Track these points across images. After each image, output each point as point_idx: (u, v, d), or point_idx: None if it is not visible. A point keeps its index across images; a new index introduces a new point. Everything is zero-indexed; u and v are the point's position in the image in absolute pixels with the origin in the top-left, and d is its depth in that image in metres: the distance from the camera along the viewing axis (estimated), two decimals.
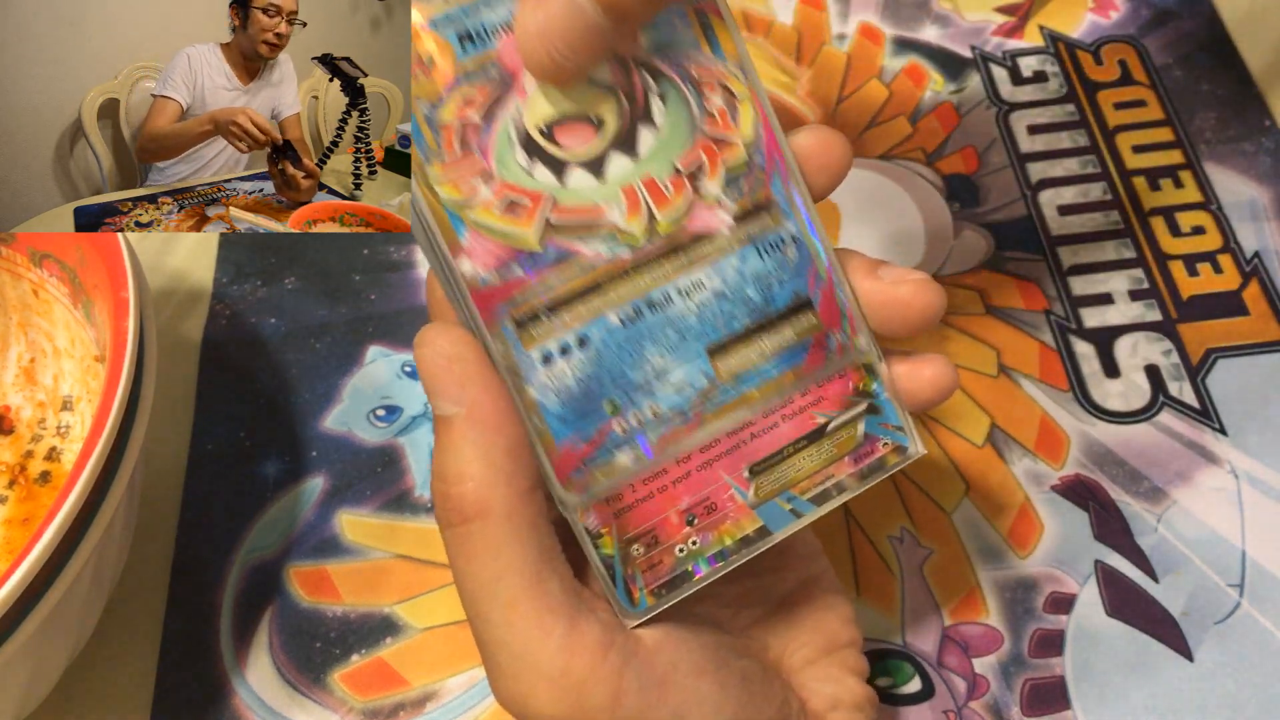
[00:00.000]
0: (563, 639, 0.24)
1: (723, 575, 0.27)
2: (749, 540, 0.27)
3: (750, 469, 0.26)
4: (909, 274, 0.27)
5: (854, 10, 0.53)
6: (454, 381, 0.24)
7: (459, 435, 0.24)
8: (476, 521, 0.24)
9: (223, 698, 0.36)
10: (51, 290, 0.39)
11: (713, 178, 0.26)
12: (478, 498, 0.24)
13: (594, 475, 0.25)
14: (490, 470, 0.24)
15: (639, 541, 0.26)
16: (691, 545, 0.26)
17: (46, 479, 0.39)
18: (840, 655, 0.30)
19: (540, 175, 0.25)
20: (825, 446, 0.27)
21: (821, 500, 0.27)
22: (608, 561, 0.26)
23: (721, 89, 0.26)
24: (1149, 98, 0.49)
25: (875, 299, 0.27)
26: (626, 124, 0.25)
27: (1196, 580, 0.37)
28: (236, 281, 0.46)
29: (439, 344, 0.24)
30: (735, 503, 0.26)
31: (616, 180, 0.25)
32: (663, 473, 0.26)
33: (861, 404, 0.27)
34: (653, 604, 0.26)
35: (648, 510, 0.26)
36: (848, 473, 0.27)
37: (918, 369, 0.27)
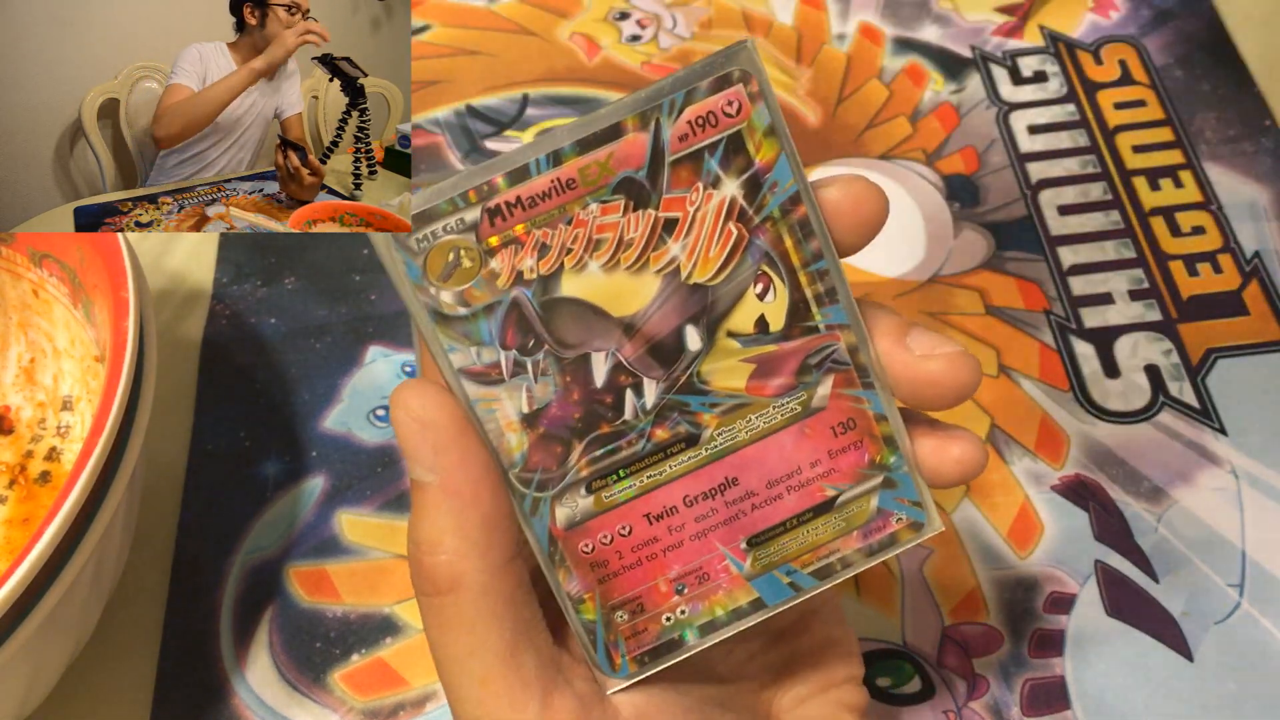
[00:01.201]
0: (535, 716, 0.24)
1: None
2: (741, 612, 0.26)
3: (749, 540, 0.25)
4: (940, 345, 0.25)
5: (854, 10, 0.53)
6: (427, 448, 0.23)
7: (433, 504, 0.23)
8: (450, 594, 0.23)
9: (223, 698, 0.36)
10: (51, 290, 0.39)
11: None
12: (451, 571, 0.23)
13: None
14: (465, 543, 0.23)
15: (623, 608, 0.25)
16: (680, 614, 0.25)
17: (46, 479, 0.39)
18: (837, 692, 0.29)
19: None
20: (833, 520, 0.26)
21: (824, 575, 0.26)
22: (589, 626, 0.25)
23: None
24: (1149, 98, 0.49)
25: (903, 374, 0.25)
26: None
27: (1196, 580, 0.37)
28: (236, 281, 0.46)
29: (413, 406, 0.23)
30: (730, 574, 0.25)
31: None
32: (652, 540, 0.25)
33: (877, 477, 0.26)
34: (635, 670, 0.25)
35: (634, 577, 0.25)
36: (855, 547, 0.26)
37: (945, 446, 0.25)
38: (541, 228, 0.23)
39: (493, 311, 0.23)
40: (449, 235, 0.23)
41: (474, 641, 0.23)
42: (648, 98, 0.23)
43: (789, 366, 0.25)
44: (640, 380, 0.24)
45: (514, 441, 0.24)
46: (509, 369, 0.24)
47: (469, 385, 0.23)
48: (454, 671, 0.24)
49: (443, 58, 0.53)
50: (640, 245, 0.23)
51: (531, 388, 0.24)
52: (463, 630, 0.23)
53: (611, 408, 0.24)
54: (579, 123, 0.23)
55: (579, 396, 0.24)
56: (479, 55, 0.53)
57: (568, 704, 0.24)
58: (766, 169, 0.23)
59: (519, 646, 0.24)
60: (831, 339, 0.25)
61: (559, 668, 0.24)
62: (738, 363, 0.24)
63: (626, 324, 0.24)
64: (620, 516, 0.25)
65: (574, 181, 0.23)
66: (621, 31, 0.53)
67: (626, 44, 0.53)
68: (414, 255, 0.23)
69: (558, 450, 0.24)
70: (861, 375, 0.25)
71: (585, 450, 0.24)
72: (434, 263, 0.23)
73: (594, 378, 0.24)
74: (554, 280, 0.23)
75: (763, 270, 0.24)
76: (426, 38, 0.54)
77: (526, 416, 0.24)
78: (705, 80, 0.23)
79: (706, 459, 0.25)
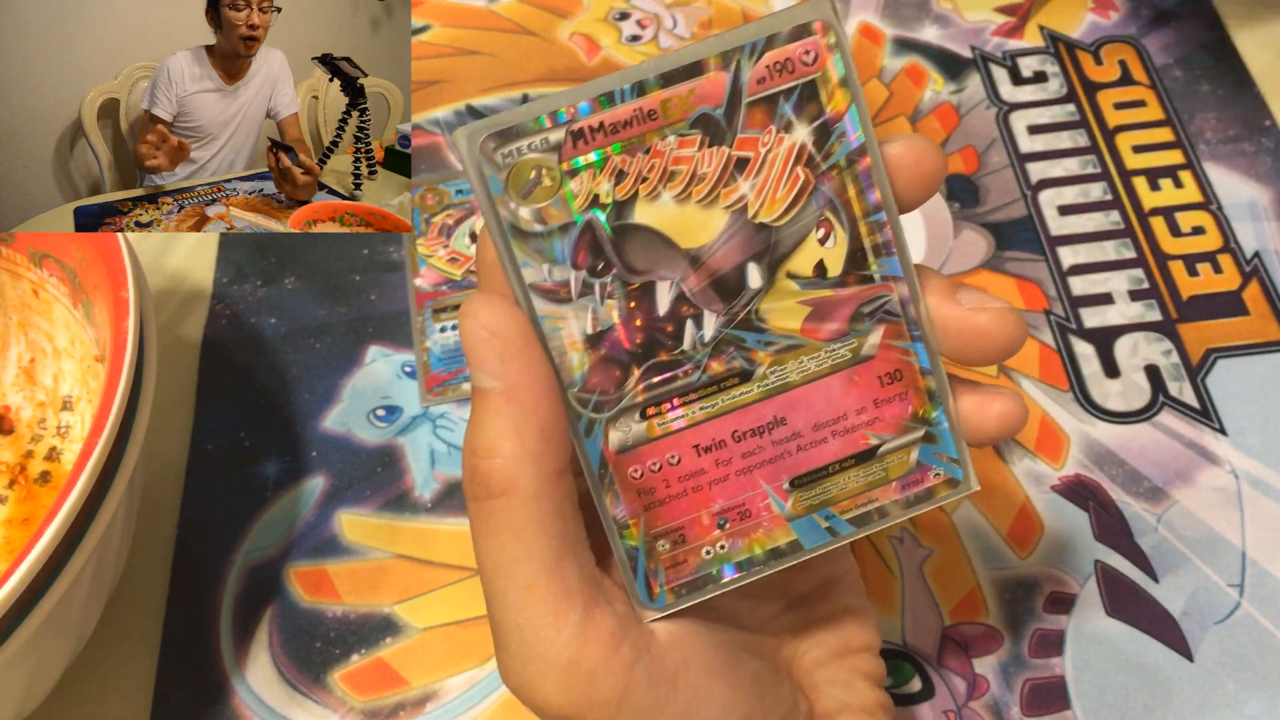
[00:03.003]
0: (576, 628, 0.24)
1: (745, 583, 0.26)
2: (779, 552, 0.26)
3: (792, 481, 0.26)
4: (989, 301, 0.26)
5: (854, 10, 0.53)
6: (494, 355, 0.24)
7: (494, 410, 0.24)
8: (502, 498, 0.24)
9: (223, 698, 0.36)
10: (51, 290, 0.39)
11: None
12: (506, 474, 0.24)
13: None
14: (521, 448, 0.24)
15: (666, 537, 0.26)
16: (719, 549, 0.26)
17: (46, 479, 0.39)
18: (854, 659, 0.30)
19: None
20: (874, 469, 0.26)
21: (861, 523, 0.26)
22: (631, 553, 0.25)
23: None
24: (1149, 98, 0.49)
25: (952, 325, 0.26)
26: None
27: (1196, 580, 0.37)
28: (236, 281, 0.46)
29: (482, 315, 0.24)
30: (770, 512, 0.26)
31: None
32: (699, 472, 0.25)
33: (919, 430, 0.26)
34: (671, 601, 0.26)
35: (679, 507, 0.26)
36: (893, 499, 0.26)
37: (987, 402, 0.26)
38: (621, 154, 0.24)
39: (567, 231, 0.24)
40: (533, 154, 0.23)
41: (521, 548, 0.24)
42: (732, 39, 0.23)
43: (843, 313, 0.25)
44: (701, 312, 0.25)
45: (575, 361, 0.25)
46: (577, 289, 0.24)
47: (538, 301, 0.24)
48: (498, 577, 0.24)
49: (443, 58, 0.53)
50: (712, 180, 0.24)
51: (597, 309, 0.24)
52: (511, 535, 0.24)
53: (671, 336, 0.25)
54: (665, 57, 0.24)
55: (641, 323, 0.25)
56: (479, 55, 0.53)
57: (607, 620, 0.24)
58: (837, 118, 0.24)
59: (564, 558, 0.24)
60: (885, 289, 0.25)
61: (600, 588, 0.25)
62: (795, 304, 0.25)
63: (693, 256, 0.24)
64: (670, 445, 0.25)
65: (655, 113, 0.24)
66: (621, 31, 0.53)
67: (626, 44, 0.53)
68: (498, 170, 0.23)
69: (616, 374, 0.25)
70: (911, 328, 0.26)
71: (643, 376, 0.25)
72: (516, 179, 0.24)
73: (657, 306, 0.25)
74: (628, 207, 0.24)
75: (825, 216, 0.25)
76: (426, 38, 0.54)
77: (590, 337, 0.24)
78: (786, 28, 0.24)
79: (758, 396, 0.25)
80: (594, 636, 0.24)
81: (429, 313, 0.44)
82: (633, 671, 0.24)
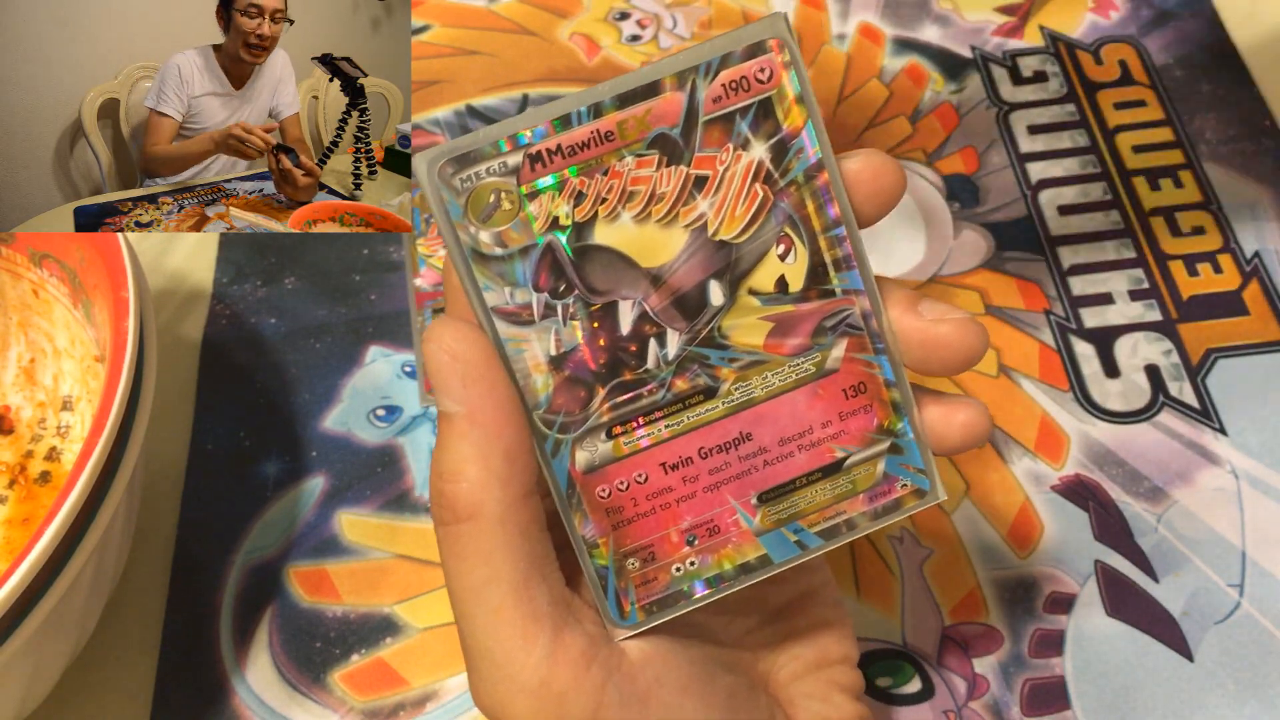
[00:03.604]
0: (546, 649, 0.24)
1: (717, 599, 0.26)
2: (749, 567, 0.26)
3: (759, 496, 0.26)
4: (950, 312, 0.26)
5: (854, 10, 0.54)
6: (456, 379, 0.24)
7: (458, 434, 0.24)
8: (468, 523, 0.24)
9: (223, 698, 0.36)
10: (51, 290, 0.39)
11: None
12: (471, 499, 0.24)
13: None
14: (486, 472, 0.24)
15: (635, 555, 0.26)
16: (689, 565, 0.26)
17: (46, 479, 0.39)
18: (831, 671, 0.30)
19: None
20: (841, 482, 0.26)
21: (830, 535, 0.26)
22: (601, 572, 0.25)
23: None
24: (1149, 98, 0.49)
25: (914, 337, 0.26)
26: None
27: (1196, 580, 0.37)
28: (236, 281, 0.46)
29: (445, 340, 0.24)
30: (739, 528, 0.26)
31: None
32: (666, 489, 0.26)
33: (884, 442, 0.26)
34: (643, 619, 0.26)
35: (648, 525, 0.26)
36: (861, 510, 0.26)
37: (951, 413, 0.26)
38: (579, 176, 0.24)
39: (528, 254, 0.24)
40: (491, 178, 0.24)
41: (489, 571, 0.24)
42: (686, 59, 0.24)
43: (805, 327, 0.26)
44: (664, 331, 0.25)
45: (540, 383, 0.25)
46: (540, 311, 0.24)
47: (500, 324, 0.24)
48: (467, 600, 0.24)
49: (443, 58, 0.53)
50: (671, 200, 0.24)
51: (560, 331, 0.25)
52: (479, 559, 0.24)
53: (635, 356, 0.25)
54: (620, 79, 0.24)
55: (605, 343, 0.25)
56: (479, 55, 0.53)
57: (577, 641, 0.24)
58: (793, 135, 0.25)
59: (532, 580, 0.24)
60: (847, 303, 0.26)
61: (570, 608, 0.25)
62: (757, 320, 0.25)
63: (654, 275, 0.25)
64: (637, 464, 0.25)
65: (612, 134, 0.24)
66: (621, 32, 0.53)
67: (626, 44, 0.53)
68: (457, 195, 0.24)
69: (581, 394, 0.25)
70: (874, 341, 0.26)
71: (608, 396, 0.25)
72: (475, 203, 0.24)
73: (620, 325, 0.25)
74: (587, 228, 0.24)
75: (785, 232, 0.25)
76: (426, 38, 0.54)
77: (554, 359, 0.25)
78: (741, 46, 0.24)
79: (723, 412, 0.26)
80: (564, 657, 0.24)
81: (429, 313, 0.44)
82: (604, 691, 0.24)
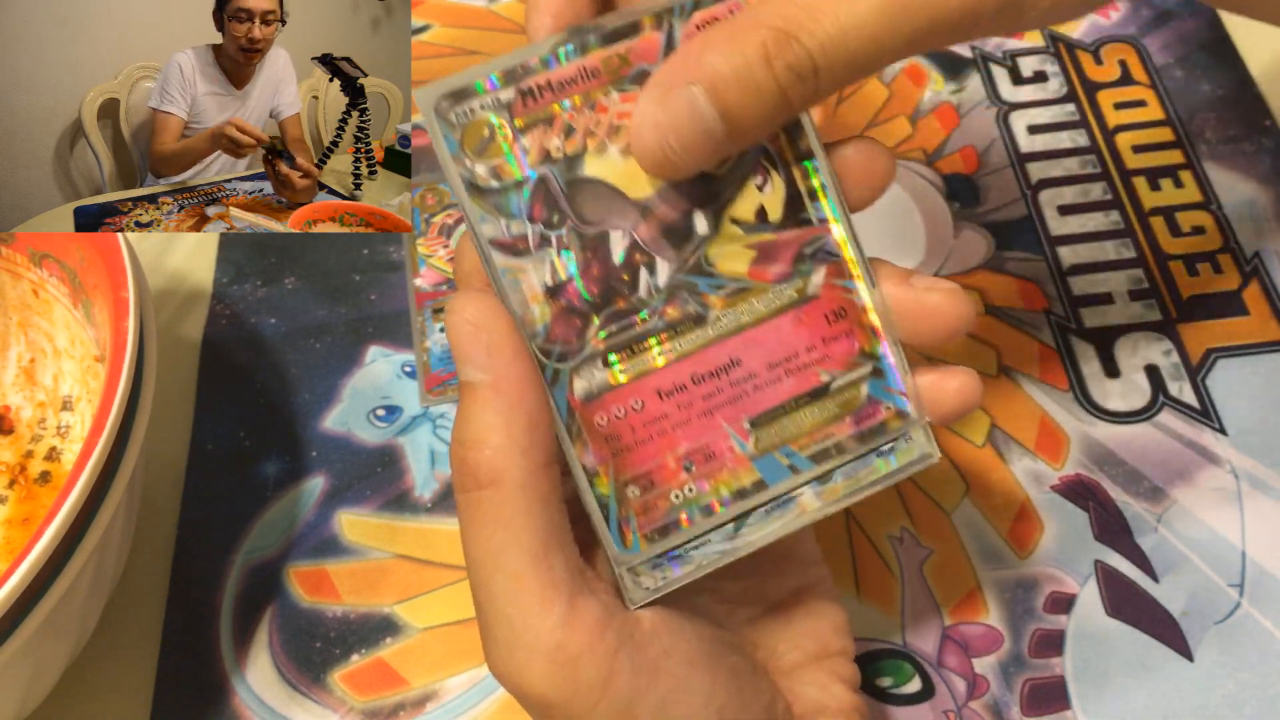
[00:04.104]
0: (562, 615, 0.24)
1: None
2: (744, 493, 0.27)
3: (751, 421, 0.26)
4: (940, 283, 0.27)
5: None
6: (481, 349, 0.24)
7: (481, 402, 0.24)
8: (490, 489, 0.24)
9: (223, 698, 0.36)
10: (51, 290, 0.39)
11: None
12: (493, 465, 0.24)
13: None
14: (509, 440, 0.24)
15: (635, 483, 0.26)
16: (687, 492, 0.26)
17: (46, 479, 0.39)
18: (830, 663, 0.30)
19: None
20: (827, 405, 0.27)
21: (820, 459, 0.27)
22: (603, 501, 0.26)
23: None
24: (1149, 98, 0.49)
25: (906, 306, 0.27)
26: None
27: (1196, 580, 0.37)
28: (236, 281, 0.46)
29: (468, 310, 0.24)
30: (734, 453, 0.26)
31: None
32: (663, 416, 0.26)
33: (866, 366, 0.27)
34: (645, 549, 0.26)
35: (645, 452, 0.26)
36: (848, 434, 0.27)
37: (944, 379, 0.27)
38: (569, 111, 0.25)
39: (522, 186, 0.25)
40: (485, 112, 0.25)
41: (508, 537, 0.24)
42: (663, 1, 0.25)
43: (786, 255, 0.27)
44: (654, 259, 0.26)
45: (537, 313, 0.25)
46: (535, 241, 0.25)
47: (498, 256, 0.25)
48: (486, 566, 0.25)
49: (443, 58, 0.53)
50: None
51: (554, 261, 0.25)
52: (499, 525, 0.24)
53: (627, 285, 0.26)
54: (603, 19, 0.25)
55: (598, 272, 0.26)
56: (479, 55, 0.53)
57: (592, 609, 0.25)
58: None
59: (550, 548, 0.25)
60: (823, 230, 0.27)
61: (585, 578, 0.25)
62: (741, 248, 0.26)
63: (642, 206, 0.26)
64: (634, 391, 0.26)
65: (597, 70, 0.25)
66: None
67: None
68: (453, 129, 0.25)
69: (577, 323, 0.26)
70: (850, 267, 0.27)
71: (603, 324, 0.26)
72: (471, 137, 0.25)
73: (612, 255, 0.26)
74: (578, 161, 0.25)
75: (761, 164, 0.26)
76: (426, 38, 0.54)
77: (550, 289, 0.25)
78: None
79: (713, 339, 0.26)
80: (579, 624, 0.24)
81: (429, 313, 0.44)
82: (616, 658, 0.25)
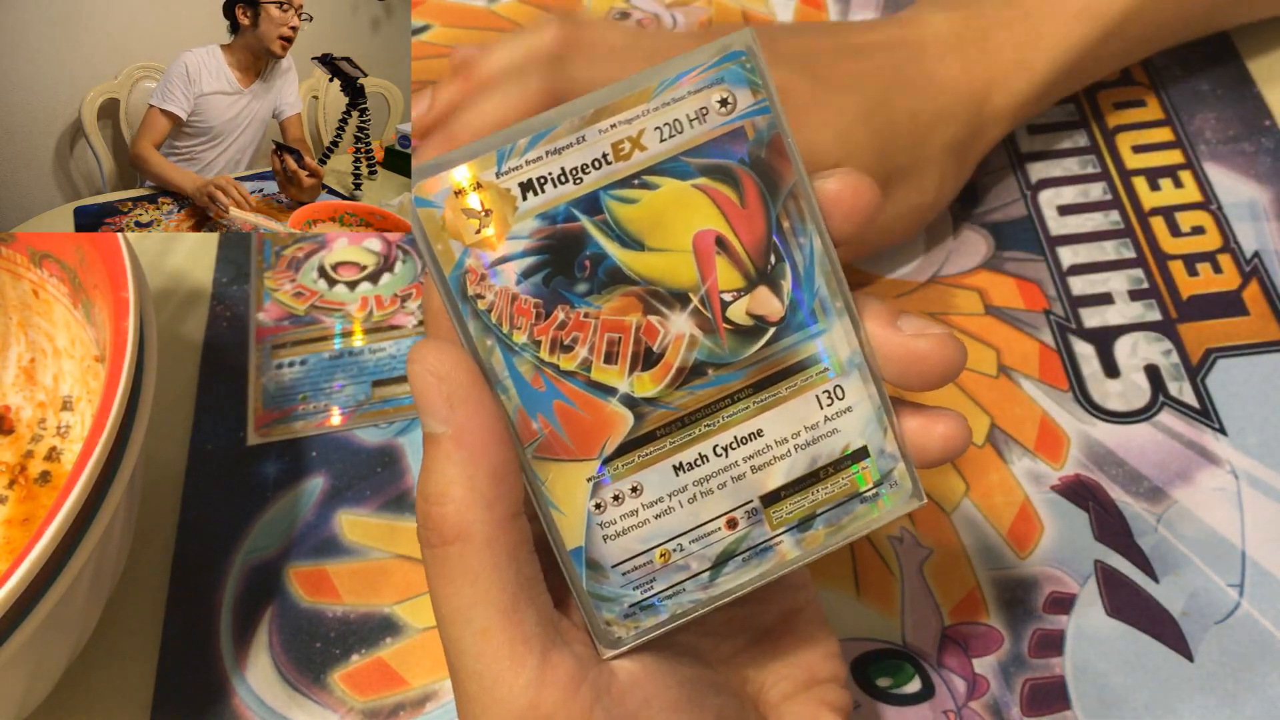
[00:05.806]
0: (534, 672, 0.24)
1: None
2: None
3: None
4: (929, 326, 0.26)
5: (854, 10, 0.53)
6: (442, 400, 0.24)
7: (444, 455, 0.24)
8: (455, 545, 0.24)
9: (223, 698, 0.36)
10: (51, 290, 0.39)
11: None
12: (458, 520, 0.24)
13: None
14: (472, 493, 0.24)
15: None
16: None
17: (46, 479, 0.39)
18: (819, 690, 0.29)
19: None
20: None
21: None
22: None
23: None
24: (1149, 98, 0.49)
25: (893, 351, 0.26)
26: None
27: (1196, 580, 0.37)
28: (236, 281, 0.46)
29: (429, 360, 0.24)
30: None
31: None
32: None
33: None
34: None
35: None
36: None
37: (930, 424, 0.26)
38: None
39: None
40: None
41: (476, 593, 0.24)
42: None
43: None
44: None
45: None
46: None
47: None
48: (455, 623, 0.24)
49: (443, 58, 0.53)
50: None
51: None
52: (466, 581, 0.24)
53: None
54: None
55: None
56: None
57: (566, 662, 0.24)
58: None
59: (520, 602, 0.24)
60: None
61: (558, 629, 0.25)
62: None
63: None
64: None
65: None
66: None
67: None
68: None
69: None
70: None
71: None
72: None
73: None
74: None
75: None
76: (426, 38, 0.54)
77: None
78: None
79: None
80: (552, 679, 0.24)
81: (268, 348, 0.43)
82: (592, 713, 0.24)
